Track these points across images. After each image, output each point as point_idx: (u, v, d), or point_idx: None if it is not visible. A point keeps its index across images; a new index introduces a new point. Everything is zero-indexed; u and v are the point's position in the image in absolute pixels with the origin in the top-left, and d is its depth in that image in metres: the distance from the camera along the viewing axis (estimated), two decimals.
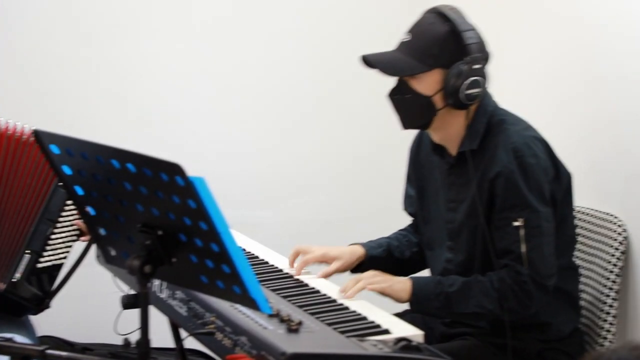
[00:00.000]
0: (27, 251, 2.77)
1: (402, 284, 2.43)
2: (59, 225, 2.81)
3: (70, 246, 2.85)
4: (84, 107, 3.74)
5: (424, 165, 2.66)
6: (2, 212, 2.76)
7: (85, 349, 3.10)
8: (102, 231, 2.06)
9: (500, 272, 2.42)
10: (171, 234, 1.91)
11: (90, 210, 2.05)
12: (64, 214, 2.80)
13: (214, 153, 3.82)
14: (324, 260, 2.58)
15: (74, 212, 2.77)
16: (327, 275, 2.51)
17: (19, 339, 2.42)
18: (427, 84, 2.44)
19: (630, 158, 2.75)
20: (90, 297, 3.24)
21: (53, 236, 2.81)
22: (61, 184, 2.14)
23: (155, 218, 1.91)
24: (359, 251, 2.64)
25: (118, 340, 2.13)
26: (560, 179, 2.49)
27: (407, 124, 2.52)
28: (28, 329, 2.86)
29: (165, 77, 3.79)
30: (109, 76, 3.74)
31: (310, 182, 3.95)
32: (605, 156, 2.75)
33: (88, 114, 3.72)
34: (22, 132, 2.76)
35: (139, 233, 1.93)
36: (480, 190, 2.45)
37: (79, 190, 2.03)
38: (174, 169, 1.79)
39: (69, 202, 2.76)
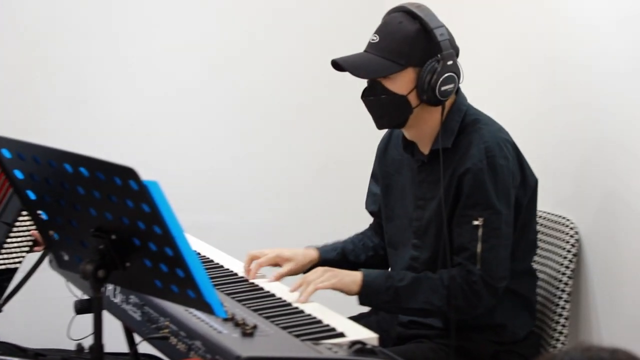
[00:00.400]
0: None
1: (352, 277, 2.43)
2: (14, 229, 2.78)
3: (24, 253, 2.82)
4: (36, 111, 3.70)
5: (392, 163, 2.67)
6: None
7: (38, 354, 3.06)
8: (54, 235, 2.04)
9: (451, 270, 2.44)
10: (125, 238, 1.90)
11: (42, 214, 2.03)
12: (20, 218, 2.77)
13: (168, 157, 3.79)
14: (277, 262, 2.58)
15: (30, 219, 2.75)
16: (279, 278, 2.51)
17: None
18: (401, 83, 2.45)
19: (582, 160, 2.78)
20: (43, 302, 3.21)
21: (8, 240, 2.77)
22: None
23: (108, 222, 1.90)
24: (313, 254, 2.64)
25: (71, 346, 2.12)
26: (526, 184, 2.51)
27: (382, 124, 2.54)
28: None
29: (117, 80, 3.76)
30: (62, 80, 3.71)
31: (265, 185, 3.94)
32: (556, 159, 2.78)
33: (41, 118, 3.68)
34: None
35: (93, 237, 1.92)
36: (449, 188, 2.47)
37: (31, 195, 2.01)
38: (128, 173, 1.78)
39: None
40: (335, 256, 2.67)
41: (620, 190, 2.63)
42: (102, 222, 1.91)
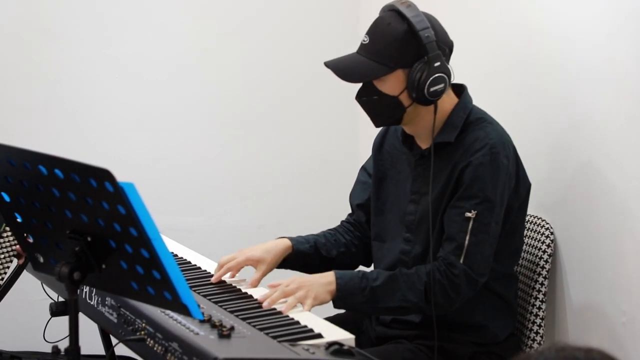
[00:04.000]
0: None
1: (325, 286, 2.40)
2: None
3: (7, 267, 2.80)
4: (10, 113, 3.68)
5: (387, 156, 2.68)
6: None
7: (13, 357, 3.05)
8: (29, 238, 2.03)
9: (429, 265, 2.44)
10: (101, 240, 1.89)
11: (17, 216, 2.02)
12: (4, 234, 2.74)
13: (144, 159, 3.78)
14: (249, 264, 2.57)
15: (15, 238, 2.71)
16: (256, 284, 2.49)
17: None
18: (391, 84, 2.47)
19: (557, 161, 2.80)
20: (18, 304, 3.19)
21: None
22: None
23: (84, 224, 1.90)
24: (284, 244, 2.61)
25: (47, 348, 2.10)
26: (518, 189, 2.53)
27: (378, 123, 2.56)
28: None
29: (94, 82, 3.74)
30: (37, 81, 3.69)
31: (242, 187, 3.94)
32: (531, 160, 2.79)
33: (15, 120, 3.66)
34: None
35: (68, 239, 1.92)
36: (448, 182, 2.48)
37: (6, 197, 2.00)
38: (103, 175, 1.77)
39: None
40: (308, 249, 2.65)
41: (595, 191, 2.65)
42: (78, 224, 1.90)
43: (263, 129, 3.93)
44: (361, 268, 2.66)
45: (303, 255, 2.62)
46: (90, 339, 2.35)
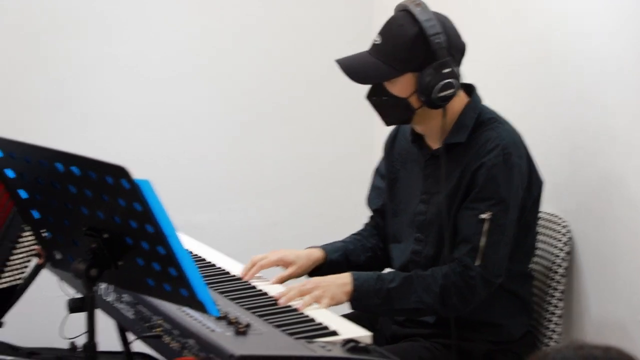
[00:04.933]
0: None
1: (340, 287, 2.39)
2: (18, 246, 2.75)
3: (26, 267, 2.80)
4: (23, 110, 3.69)
5: (398, 157, 2.67)
6: None
7: (31, 353, 3.06)
8: (47, 234, 2.04)
9: (445, 267, 2.44)
10: (117, 237, 1.90)
11: (34, 213, 2.03)
12: (24, 233, 2.73)
13: (156, 156, 3.78)
14: (280, 264, 2.57)
15: (32, 235, 2.70)
16: (282, 281, 2.50)
17: None
18: (401, 87, 2.46)
19: (573, 158, 2.79)
20: (36, 301, 3.20)
21: (12, 257, 2.75)
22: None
23: (100, 221, 1.90)
24: (317, 254, 2.62)
25: (65, 344, 2.11)
26: (531, 188, 2.52)
27: (388, 122, 2.56)
28: None
29: (108, 78, 3.74)
30: (51, 78, 3.69)
31: (257, 184, 3.94)
32: (548, 157, 2.78)
33: (28, 117, 3.67)
34: None
35: (85, 236, 1.92)
36: (459, 182, 2.47)
37: (23, 194, 2.00)
38: (120, 172, 1.77)
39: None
40: (339, 257, 2.65)
41: (612, 188, 2.63)
42: (94, 221, 1.91)
43: (275, 126, 3.92)
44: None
45: (334, 265, 2.62)
46: (108, 335, 2.36)
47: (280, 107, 3.93)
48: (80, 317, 1.97)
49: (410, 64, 2.44)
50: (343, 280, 2.42)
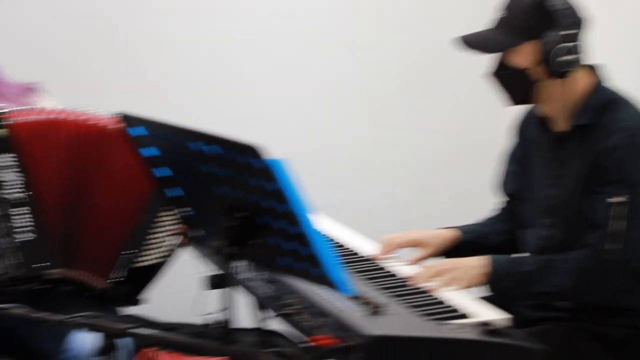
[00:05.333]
0: (126, 251, 2.79)
1: (476, 269, 2.38)
2: (157, 225, 2.81)
3: (167, 246, 2.86)
4: (169, 89, 3.78)
5: (530, 142, 2.64)
6: (102, 213, 2.76)
7: (169, 328, 3.14)
8: (187, 212, 2.09)
9: (582, 251, 2.39)
10: (252, 216, 1.93)
11: (176, 191, 2.07)
12: (163, 213, 2.80)
13: (295, 135, 3.82)
14: (414, 245, 2.57)
15: (173, 213, 2.74)
16: (415, 262, 2.50)
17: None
18: (522, 56, 2.44)
19: None
20: (173, 277, 3.28)
21: (152, 236, 2.81)
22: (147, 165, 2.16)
23: (237, 200, 1.93)
24: (450, 235, 2.62)
25: (201, 320, 2.15)
26: None
27: (510, 100, 2.52)
28: (111, 309, 2.91)
29: (250, 59, 3.81)
30: (201, 58, 3.78)
31: (390, 164, 3.94)
32: None
33: (173, 96, 3.76)
34: (107, 121, 2.72)
35: (222, 215, 1.96)
36: (586, 165, 2.42)
37: (166, 172, 2.05)
38: (251, 151, 1.80)
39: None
40: (474, 238, 2.65)
41: None
42: (232, 200, 1.94)
43: (409, 106, 3.92)
44: None
45: (468, 246, 2.61)
46: (243, 312, 2.40)
47: (414, 87, 3.92)
48: (216, 294, 2.01)
49: (531, 31, 2.41)
50: (479, 262, 2.40)
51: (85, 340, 2.66)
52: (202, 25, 3.80)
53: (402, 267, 2.43)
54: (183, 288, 3.02)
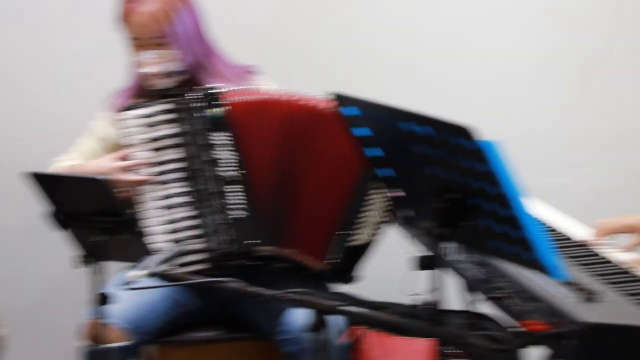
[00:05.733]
0: (341, 231, 2.83)
1: None
2: (368, 205, 2.84)
3: (378, 225, 2.88)
4: (377, 70, 3.81)
5: None
6: (313, 192, 2.81)
7: (379, 307, 3.17)
8: (399, 193, 2.10)
9: None
10: (464, 198, 1.91)
11: (387, 172, 2.09)
12: (373, 191, 2.82)
13: (513, 119, 3.79)
14: (630, 230, 2.48)
15: (382, 192, 2.76)
16: (631, 248, 2.41)
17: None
18: None
19: None
20: (382, 256, 3.31)
21: (363, 215, 2.84)
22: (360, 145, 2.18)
23: (448, 181, 1.92)
24: None
25: (409, 301, 2.16)
26: None
27: None
28: (323, 287, 2.96)
29: (459, 42, 3.80)
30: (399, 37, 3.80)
31: (606, 146, 3.83)
32: None
33: (383, 78, 3.79)
34: (320, 101, 2.75)
35: (433, 196, 1.95)
36: None
37: (377, 152, 2.07)
38: (463, 132, 1.78)
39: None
40: None
41: None
42: (442, 181, 1.93)
43: (615, 90, 3.79)
44: None
45: None
46: (452, 294, 2.39)
47: (622, 69, 3.79)
48: (425, 275, 2.00)
49: None
50: None
51: (298, 316, 2.73)
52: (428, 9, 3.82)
53: (617, 253, 2.34)
54: (391, 268, 3.05)
